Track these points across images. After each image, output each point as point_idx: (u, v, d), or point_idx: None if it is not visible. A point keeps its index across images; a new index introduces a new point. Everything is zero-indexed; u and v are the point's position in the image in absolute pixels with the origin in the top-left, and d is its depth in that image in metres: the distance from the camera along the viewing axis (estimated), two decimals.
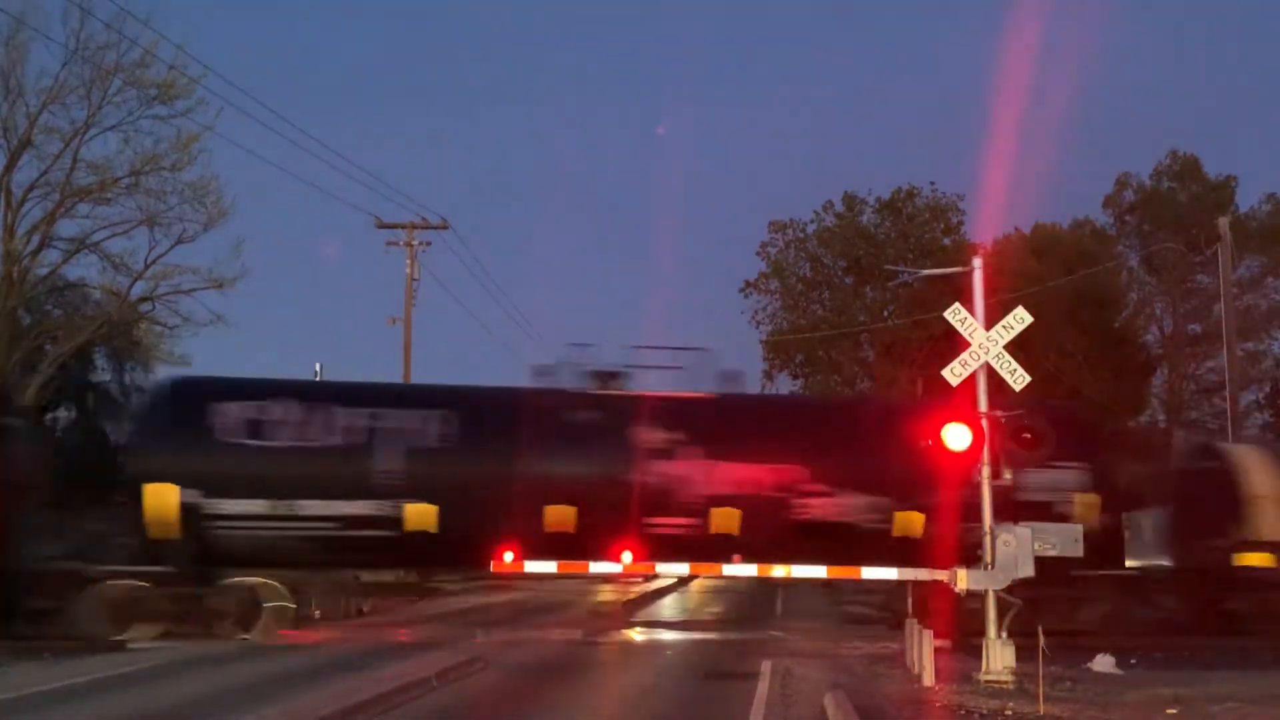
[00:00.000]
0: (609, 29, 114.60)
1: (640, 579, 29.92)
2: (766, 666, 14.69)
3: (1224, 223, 29.56)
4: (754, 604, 27.65)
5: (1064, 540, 13.57)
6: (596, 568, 17.13)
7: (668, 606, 28.21)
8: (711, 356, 20.26)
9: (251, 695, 11.96)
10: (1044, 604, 14.75)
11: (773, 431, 19.65)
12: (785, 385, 45.81)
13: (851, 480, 18.48)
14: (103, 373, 38.26)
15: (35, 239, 30.17)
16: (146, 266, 31.33)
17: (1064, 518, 16.77)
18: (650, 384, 20.07)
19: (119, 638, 17.34)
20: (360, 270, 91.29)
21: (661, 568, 17.43)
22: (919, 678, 13.15)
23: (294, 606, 18.63)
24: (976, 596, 13.45)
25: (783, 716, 11.33)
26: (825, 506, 18.37)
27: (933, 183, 44.76)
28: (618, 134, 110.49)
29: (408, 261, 34.43)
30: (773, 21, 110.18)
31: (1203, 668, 14.67)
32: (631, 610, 26.13)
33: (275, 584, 18.29)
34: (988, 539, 13.55)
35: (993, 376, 14.01)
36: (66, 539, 19.27)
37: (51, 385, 31.83)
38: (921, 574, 15.12)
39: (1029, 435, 13.91)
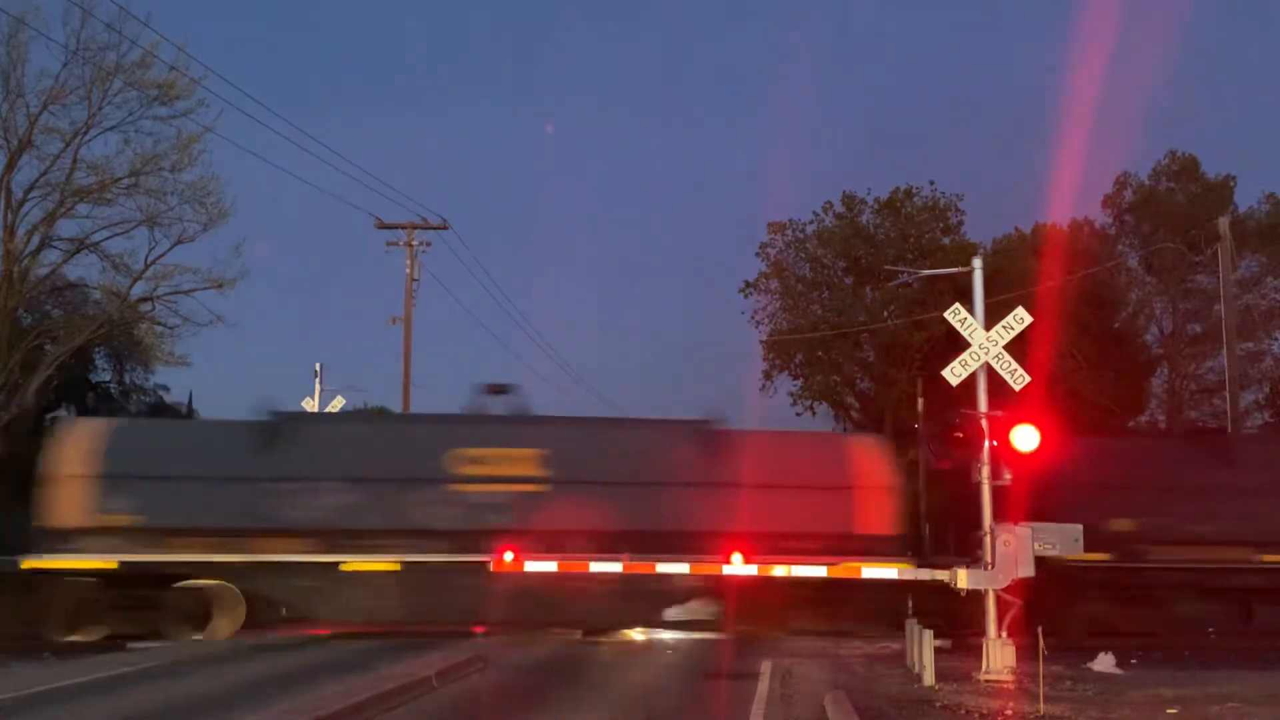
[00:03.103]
0: (610, 29, 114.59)
1: None
2: (766, 666, 14.71)
3: (1224, 222, 29.54)
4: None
5: (1064, 540, 13.59)
6: (597, 567, 17.15)
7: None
8: None
9: (251, 695, 11.96)
10: None
11: None
12: (785, 385, 45.82)
13: None
14: (103, 373, 38.27)
15: (35, 239, 30.13)
16: (146, 266, 31.30)
17: None
18: None
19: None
20: (360, 270, 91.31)
21: (661, 568, 17.45)
22: (919, 678, 13.16)
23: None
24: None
25: (783, 716, 11.33)
26: None
27: (932, 182, 44.68)
28: (618, 134, 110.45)
29: (408, 261, 34.40)
30: (772, 22, 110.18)
31: (1203, 668, 14.70)
32: None
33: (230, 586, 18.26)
34: (987, 539, 13.57)
35: (993, 376, 14.02)
36: None
37: (51, 385, 31.81)
38: (922, 574, 15.14)
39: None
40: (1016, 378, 13.91)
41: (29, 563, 18.13)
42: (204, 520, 18.09)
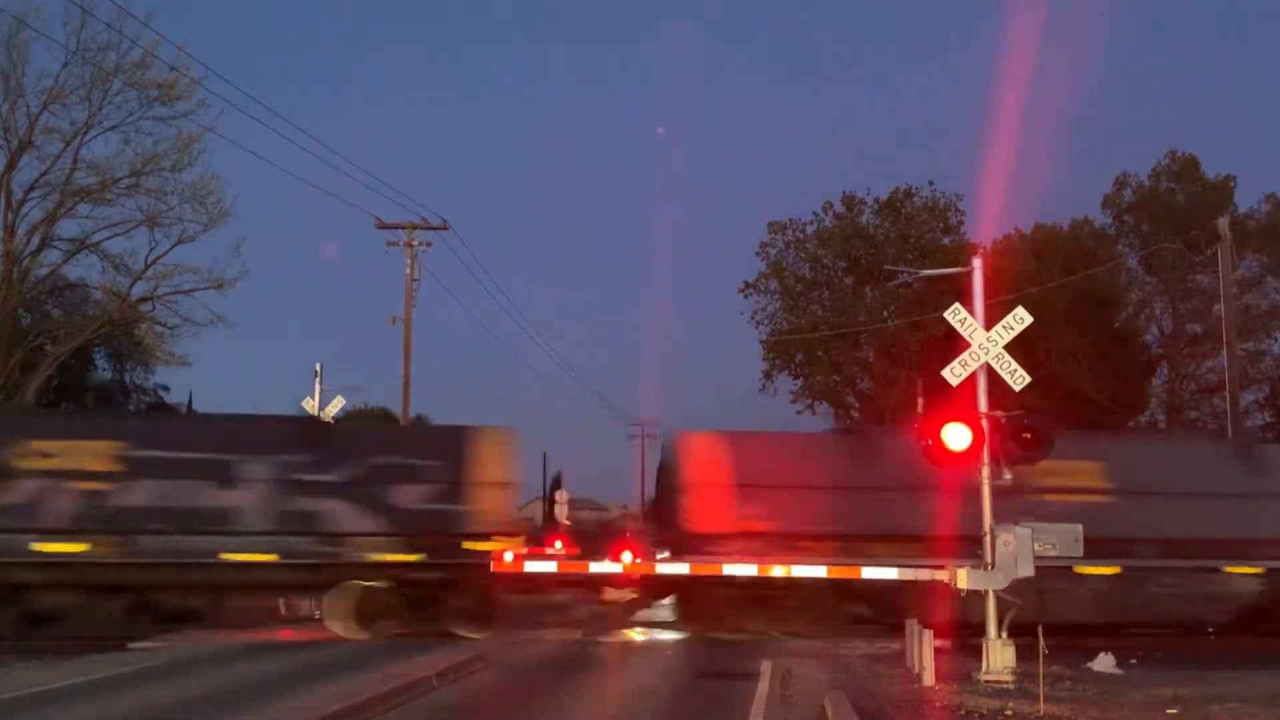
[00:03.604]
0: (610, 29, 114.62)
1: None
2: (766, 666, 14.70)
3: (1224, 222, 29.52)
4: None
5: (1064, 540, 13.58)
6: (597, 568, 17.22)
7: (668, 606, 28.16)
8: None
9: (251, 695, 11.97)
10: None
11: None
12: (785, 385, 45.84)
13: None
14: (103, 373, 38.31)
15: (35, 239, 30.20)
16: (146, 266, 31.37)
17: None
18: None
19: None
20: (360, 270, 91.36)
21: (661, 568, 17.49)
22: (919, 678, 13.15)
23: None
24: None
25: (783, 716, 11.33)
26: None
27: (931, 182, 44.75)
28: (618, 134, 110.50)
29: (408, 261, 34.39)
30: (773, 22, 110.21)
31: (1203, 668, 14.69)
32: (631, 610, 26.11)
33: None
34: (988, 539, 13.56)
35: (993, 376, 14.01)
36: None
37: (51, 385, 31.83)
38: (922, 574, 15.14)
39: (1029, 435, 13.89)
40: (1016, 378, 13.91)
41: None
42: (825, 526, 19.07)
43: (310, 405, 33.18)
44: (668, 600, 21.94)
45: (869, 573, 16.12)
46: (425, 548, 18.50)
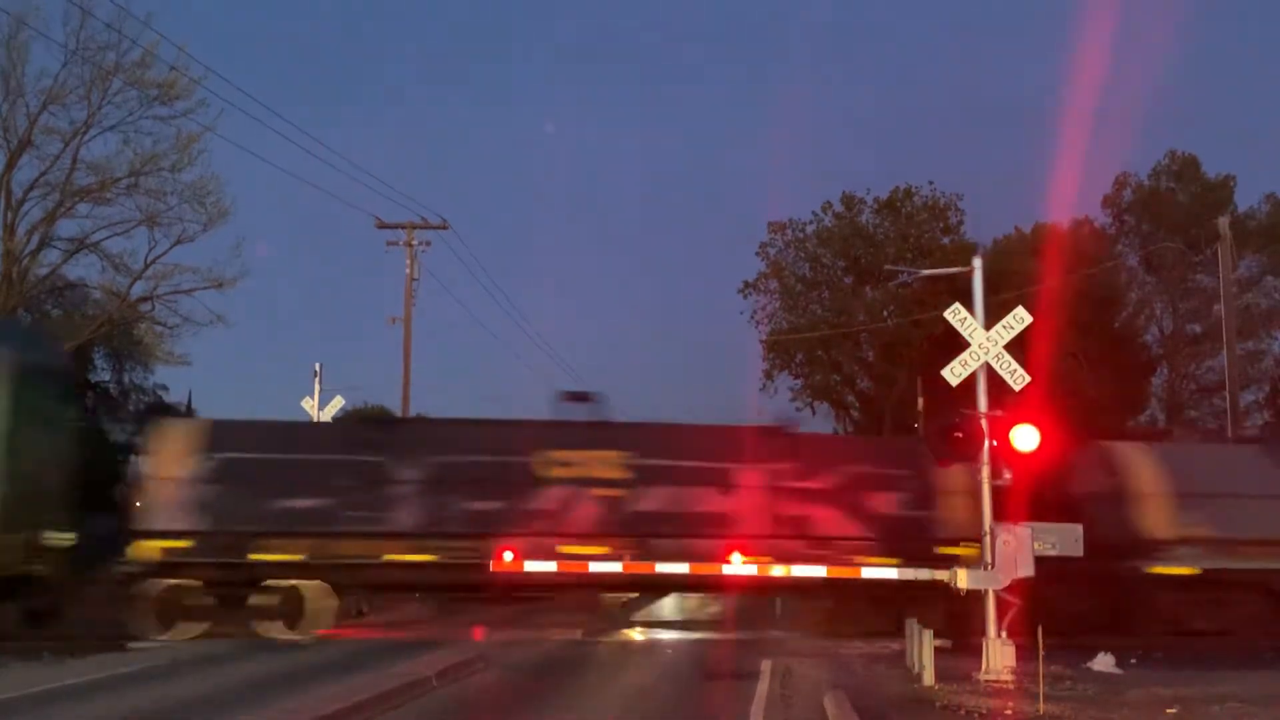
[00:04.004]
0: (609, 28, 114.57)
1: None
2: (766, 666, 14.71)
3: (1224, 222, 29.54)
4: (754, 604, 27.56)
5: (1064, 540, 13.57)
6: (597, 568, 17.20)
7: (668, 606, 28.20)
8: None
9: (251, 695, 11.96)
10: None
11: None
12: (785, 385, 45.88)
13: None
14: (103, 373, 38.30)
15: (35, 239, 30.13)
16: (146, 266, 31.30)
17: None
18: None
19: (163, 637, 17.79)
20: (360, 270, 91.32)
21: (661, 568, 17.49)
22: (919, 677, 13.15)
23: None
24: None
25: (783, 716, 11.34)
26: None
27: (931, 182, 44.79)
28: (618, 134, 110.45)
29: (408, 261, 34.40)
30: (773, 22, 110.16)
31: (1203, 668, 14.68)
32: (631, 610, 26.13)
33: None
34: (988, 539, 13.56)
35: (993, 376, 14.01)
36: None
37: None
38: (922, 574, 15.13)
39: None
40: (1016, 378, 13.90)
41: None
42: (1264, 532, 19.60)
43: (310, 405, 33.20)
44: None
45: (869, 573, 16.09)
46: (901, 553, 18.50)
